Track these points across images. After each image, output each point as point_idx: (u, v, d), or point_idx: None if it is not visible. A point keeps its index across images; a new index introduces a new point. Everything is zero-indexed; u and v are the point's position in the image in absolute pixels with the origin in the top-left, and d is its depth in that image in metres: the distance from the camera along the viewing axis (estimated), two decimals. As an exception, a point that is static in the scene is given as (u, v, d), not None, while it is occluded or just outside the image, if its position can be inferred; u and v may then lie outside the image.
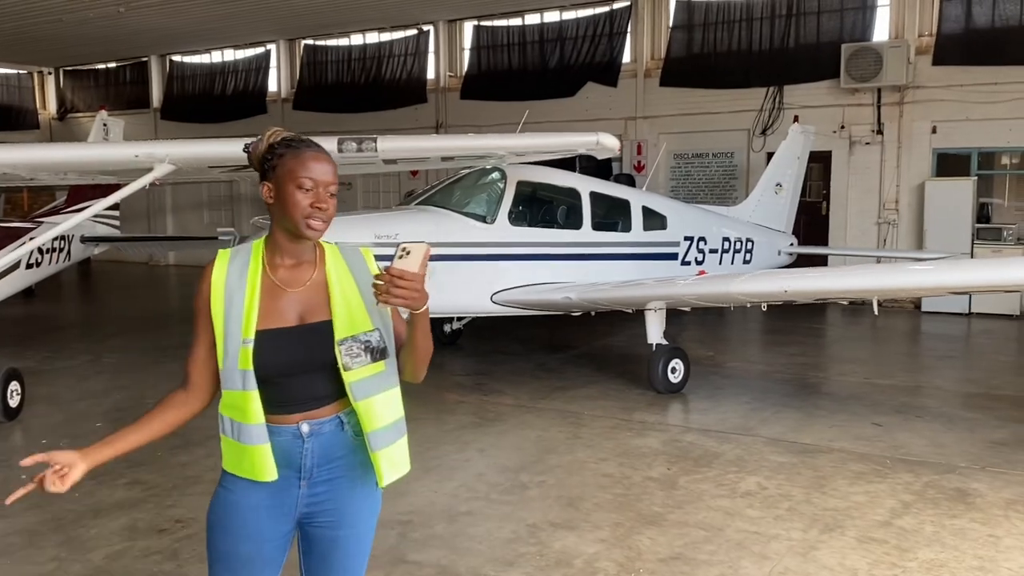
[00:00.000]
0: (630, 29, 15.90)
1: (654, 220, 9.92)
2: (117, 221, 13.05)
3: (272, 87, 20.20)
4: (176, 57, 21.65)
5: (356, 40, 18.97)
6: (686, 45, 15.27)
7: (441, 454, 6.33)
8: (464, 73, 17.67)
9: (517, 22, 17.03)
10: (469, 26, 17.65)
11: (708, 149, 15.30)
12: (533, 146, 7.74)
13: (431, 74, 18.06)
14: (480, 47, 17.41)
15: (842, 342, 11.81)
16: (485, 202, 8.66)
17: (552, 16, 16.66)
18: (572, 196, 9.19)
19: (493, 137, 8.49)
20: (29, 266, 9.77)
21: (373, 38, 18.77)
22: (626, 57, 15.97)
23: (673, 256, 10.15)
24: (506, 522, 5.04)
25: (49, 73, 24.00)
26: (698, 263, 10.39)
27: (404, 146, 7.05)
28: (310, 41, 19.52)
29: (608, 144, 7.13)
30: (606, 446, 6.54)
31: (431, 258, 2.15)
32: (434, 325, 10.62)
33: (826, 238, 14.25)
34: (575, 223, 9.08)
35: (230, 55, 20.82)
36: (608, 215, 9.50)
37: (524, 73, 16.80)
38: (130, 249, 14.64)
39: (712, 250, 10.66)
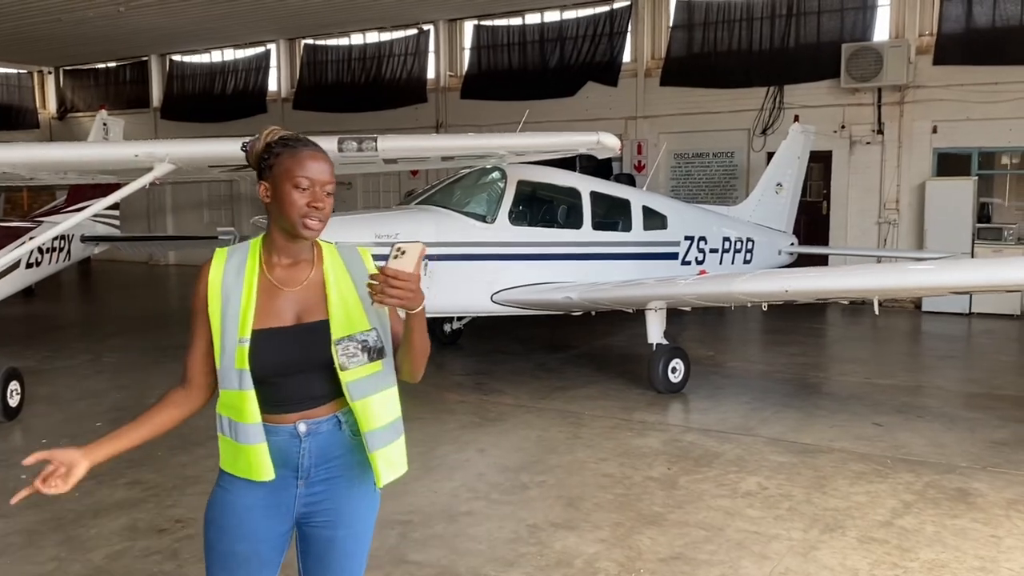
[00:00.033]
0: (630, 29, 15.89)
1: (654, 220, 9.91)
2: (117, 221, 13.05)
3: (272, 87, 20.19)
4: (176, 57, 21.64)
5: (356, 40, 18.96)
6: (686, 45, 15.27)
7: (441, 454, 6.33)
8: (464, 73, 17.66)
9: (517, 22, 17.02)
10: (469, 26, 17.64)
11: (708, 149, 15.29)
12: (533, 146, 7.74)
13: (431, 74, 18.05)
14: (480, 47, 17.39)
15: (843, 342, 11.80)
16: (485, 202, 8.65)
17: (552, 16, 16.65)
18: (572, 196, 9.18)
19: (493, 137, 8.49)
20: (29, 265, 9.77)
21: (373, 38, 18.76)
22: (626, 57, 15.96)
23: (673, 256, 10.14)
24: (506, 522, 5.04)
25: (49, 72, 24.01)
26: (698, 263, 10.38)
27: (404, 146, 7.05)
28: (310, 41, 19.51)
29: (608, 144, 7.13)
30: (606, 446, 6.53)
31: (427, 257, 2.14)
32: (434, 325, 10.63)
33: (826, 238, 14.25)
34: (575, 223, 9.08)
35: (230, 55, 20.81)
36: (608, 215, 9.49)
37: (524, 73, 16.79)
38: (130, 249, 14.64)
39: (712, 250, 10.65)
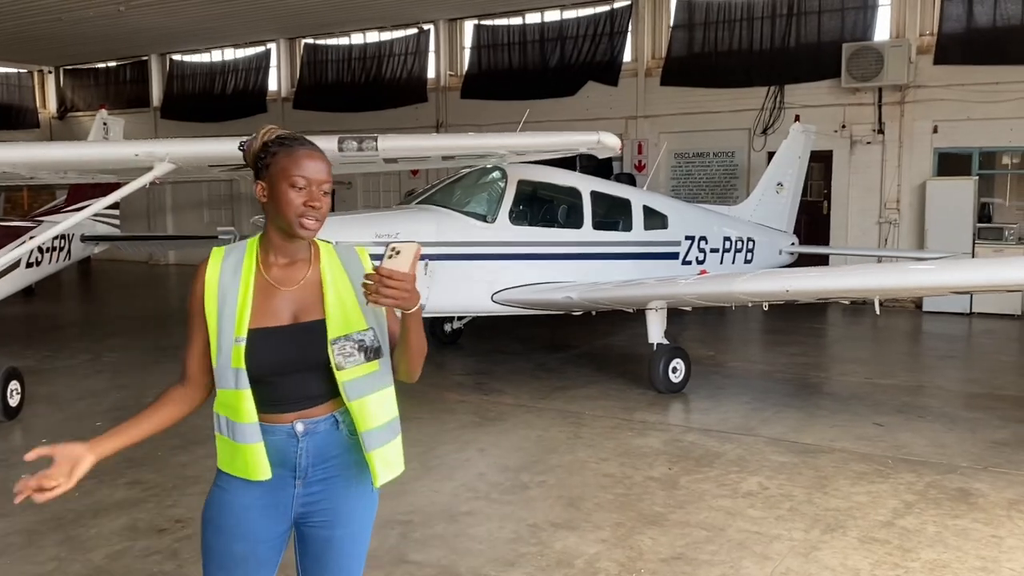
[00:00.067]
0: (631, 28, 15.88)
1: (655, 219, 9.90)
2: (117, 220, 13.05)
3: (272, 86, 20.18)
4: (176, 56, 21.64)
5: (356, 39, 18.96)
6: (687, 44, 15.26)
7: (441, 454, 6.32)
8: (464, 72, 17.65)
9: (517, 21, 17.01)
10: (469, 25, 17.63)
11: (709, 148, 15.28)
12: (534, 145, 7.73)
13: (431, 73, 18.04)
14: (480, 46, 17.38)
15: (843, 342, 11.79)
16: (486, 201, 8.63)
17: (553, 15, 16.65)
18: (573, 195, 9.17)
19: (494, 136, 8.46)
20: (29, 265, 9.77)
21: (373, 37, 18.75)
22: (627, 56, 15.94)
23: (674, 255, 10.13)
24: (507, 522, 5.03)
25: (49, 72, 24.01)
26: (699, 262, 10.37)
27: (405, 145, 7.04)
28: (310, 40, 19.50)
29: (609, 143, 7.12)
30: (607, 446, 6.52)
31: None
32: (435, 324, 10.58)
33: (827, 237, 14.24)
34: (576, 222, 9.07)
35: (230, 54, 20.80)
36: (609, 214, 9.48)
37: (524, 72, 16.78)
38: (130, 248, 14.64)
39: (713, 249, 10.64)
